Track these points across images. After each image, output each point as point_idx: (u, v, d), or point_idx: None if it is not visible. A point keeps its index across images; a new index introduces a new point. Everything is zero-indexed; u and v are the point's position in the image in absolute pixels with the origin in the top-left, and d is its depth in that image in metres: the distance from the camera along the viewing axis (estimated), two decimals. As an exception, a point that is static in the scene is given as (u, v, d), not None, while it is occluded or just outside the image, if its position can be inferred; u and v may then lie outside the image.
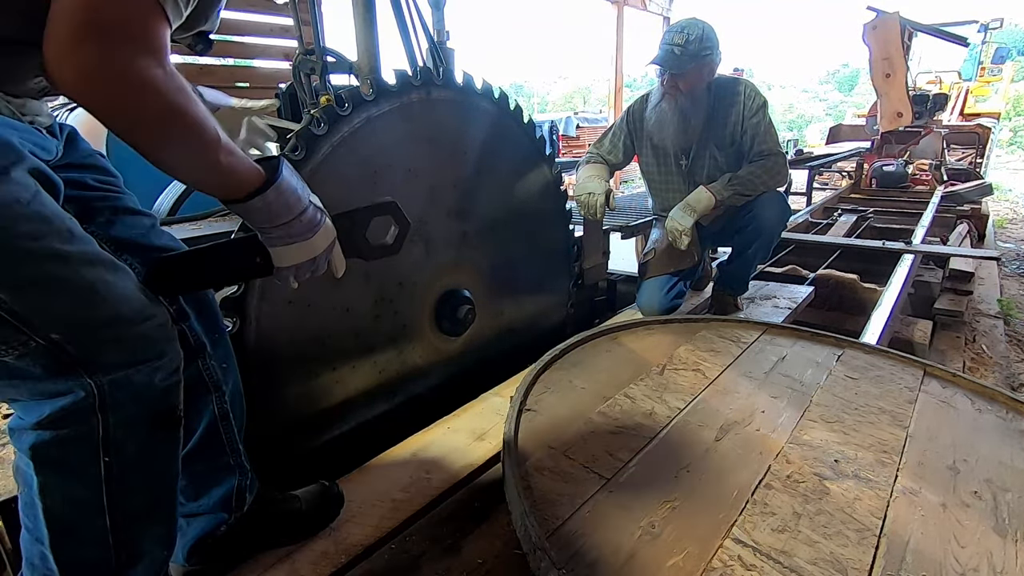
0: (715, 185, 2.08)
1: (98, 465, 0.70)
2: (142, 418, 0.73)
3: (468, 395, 1.66)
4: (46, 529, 0.71)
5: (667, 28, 2.05)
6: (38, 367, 0.64)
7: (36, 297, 0.62)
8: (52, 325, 0.62)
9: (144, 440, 0.74)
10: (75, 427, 0.68)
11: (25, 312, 0.61)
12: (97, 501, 0.71)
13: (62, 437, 0.67)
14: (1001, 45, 10.55)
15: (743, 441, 1.28)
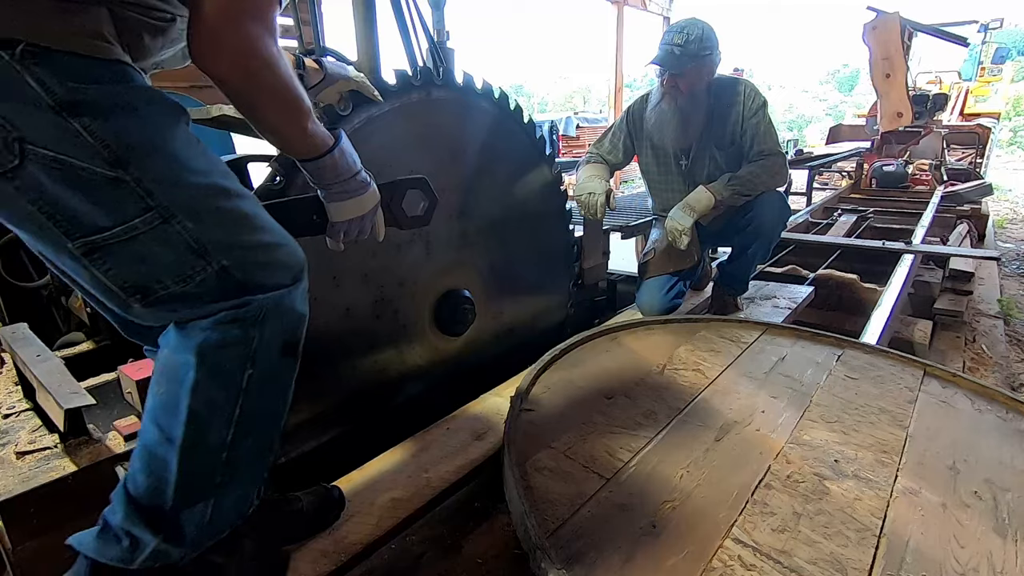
0: (715, 185, 2.08)
1: (243, 376, 0.77)
2: (279, 341, 0.80)
3: (468, 395, 1.66)
4: (183, 429, 0.75)
5: (667, 28, 2.05)
6: (212, 293, 0.71)
7: (211, 227, 0.70)
8: (223, 252, 0.70)
9: (276, 362, 0.81)
10: (241, 334, 0.75)
11: (204, 240, 0.69)
12: (231, 411, 0.77)
13: (228, 340, 0.74)
14: (1001, 45, 10.55)
15: (743, 441, 1.28)
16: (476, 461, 1.34)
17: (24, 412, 1.40)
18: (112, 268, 0.66)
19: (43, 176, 0.61)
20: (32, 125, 0.59)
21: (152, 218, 0.66)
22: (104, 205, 0.64)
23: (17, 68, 0.58)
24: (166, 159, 0.67)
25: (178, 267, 0.69)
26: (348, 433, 1.48)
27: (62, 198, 0.62)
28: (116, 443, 1.23)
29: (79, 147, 0.61)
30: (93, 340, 1.78)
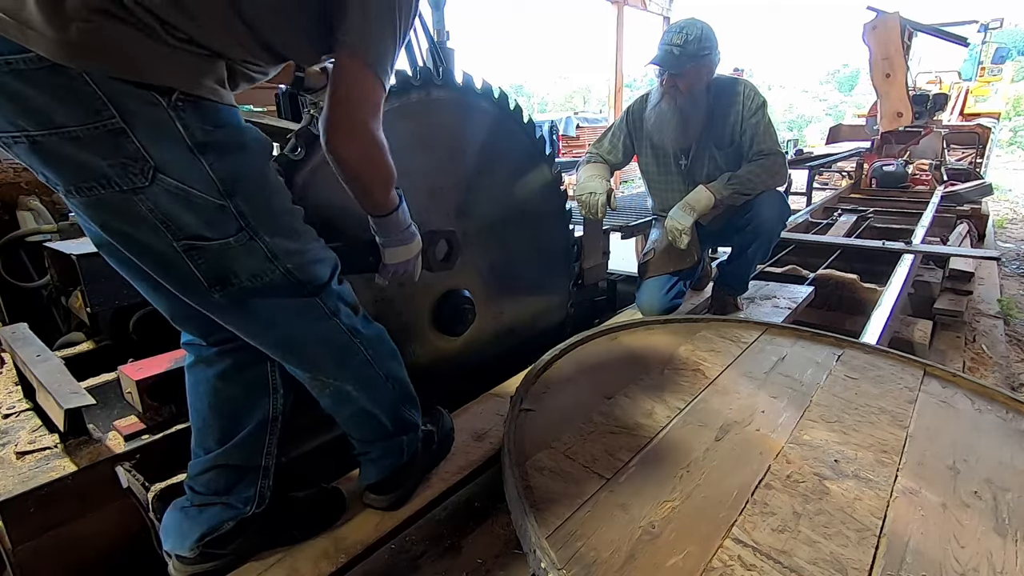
0: (714, 184, 2.08)
1: (355, 345, 1.02)
2: (349, 311, 1.02)
3: (468, 395, 1.66)
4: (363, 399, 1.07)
5: (666, 28, 2.05)
6: (279, 289, 0.90)
7: (281, 240, 0.87)
8: (288, 258, 0.88)
9: (359, 322, 1.04)
10: (322, 332, 0.97)
11: (276, 250, 0.87)
12: (371, 368, 1.06)
13: (332, 342, 0.99)
14: (1001, 45, 10.54)
15: (743, 441, 1.28)
16: (476, 461, 1.34)
17: (24, 412, 1.40)
18: (204, 263, 0.81)
19: (163, 196, 0.74)
20: (168, 159, 0.72)
21: (242, 236, 0.83)
22: (209, 223, 0.79)
23: (170, 113, 0.71)
24: (259, 190, 0.84)
25: (254, 269, 0.86)
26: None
27: (175, 212, 0.76)
28: (116, 443, 1.23)
29: (201, 180, 0.76)
30: (93, 340, 1.78)
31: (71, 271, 1.58)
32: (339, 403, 1.07)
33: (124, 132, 0.69)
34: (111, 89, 0.67)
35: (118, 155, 0.70)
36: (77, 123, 0.67)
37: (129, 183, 0.72)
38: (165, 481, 1.15)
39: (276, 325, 0.93)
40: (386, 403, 1.12)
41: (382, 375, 1.09)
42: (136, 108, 0.69)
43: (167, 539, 1.02)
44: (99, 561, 1.17)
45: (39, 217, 2.27)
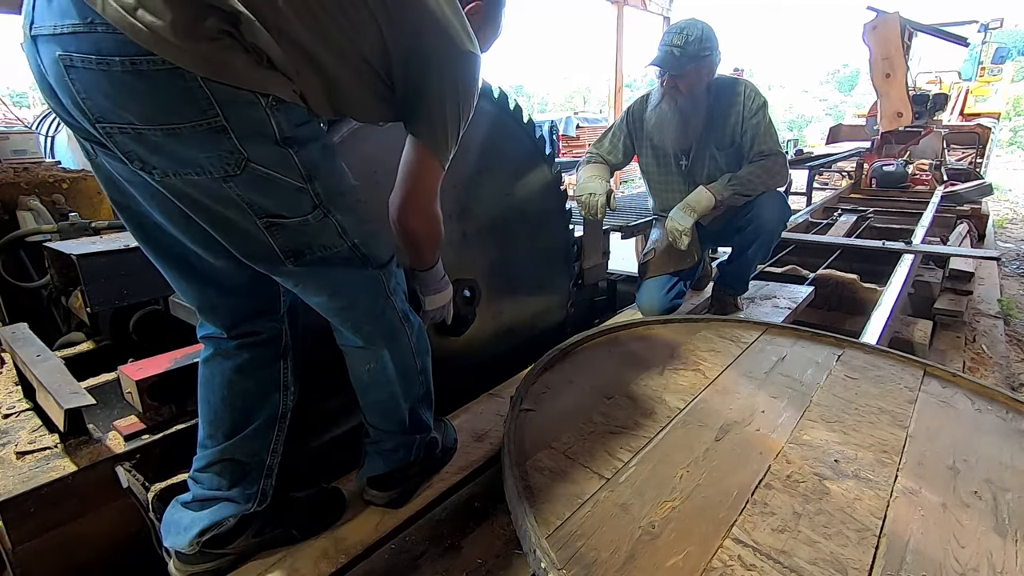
0: (715, 185, 2.08)
1: (404, 329, 1.10)
2: (403, 296, 1.11)
3: (468, 395, 1.66)
4: (397, 382, 1.12)
5: (666, 29, 2.05)
6: (346, 261, 0.98)
7: (349, 218, 0.96)
8: (353, 233, 0.97)
9: (413, 315, 1.14)
10: (381, 309, 1.05)
11: (345, 226, 0.95)
12: (411, 355, 1.13)
13: (386, 321, 1.07)
14: (1001, 45, 10.54)
15: (743, 441, 1.28)
16: (476, 462, 1.35)
17: (24, 412, 1.40)
18: (281, 238, 0.90)
19: (251, 182, 0.83)
20: (259, 151, 0.82)
21: (318, 214, 0.91)
22: (290, 203, 0.88)
23: (267, 112, 0.80)
24: (331, 174, 0.93)
25: (326, 242, 0.95)
26: (349, 433, 1.48)
27: (258, 194, 0.85)
28: (116, 443, 1.23)
29: (288, 168, 0.85)
30: (93, 340, 1.78)
31: (71, 271, 1.58)
32: (374, 382, 1.12)
33: (224, 130, 0.78)
34: (220, 92, 0.76)
35: (216, 149, 0.79)
36: (183, 121, 0.76)
37: (222, 172, 0.81)
38: (165, 481, 1.15)
39: (341, 293, 1.01)
40: (412, 396, 1.17)
41: (417, 367, 1.16)
42: (238, 108, 0.78)
43: (168, 535, 1.02)
44: (99, 561, 1.17)
45: (39, 217, 2.27)
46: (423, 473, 1.26)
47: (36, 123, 4.39)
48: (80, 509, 1.14)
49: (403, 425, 1.17)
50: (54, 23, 0.72)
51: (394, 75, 0.96)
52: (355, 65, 0.91)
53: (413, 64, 0.96)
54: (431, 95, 0.99)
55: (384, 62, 0.94)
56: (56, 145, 4.02)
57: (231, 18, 0.74)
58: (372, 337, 1.06)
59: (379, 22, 0.90)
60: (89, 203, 2.56)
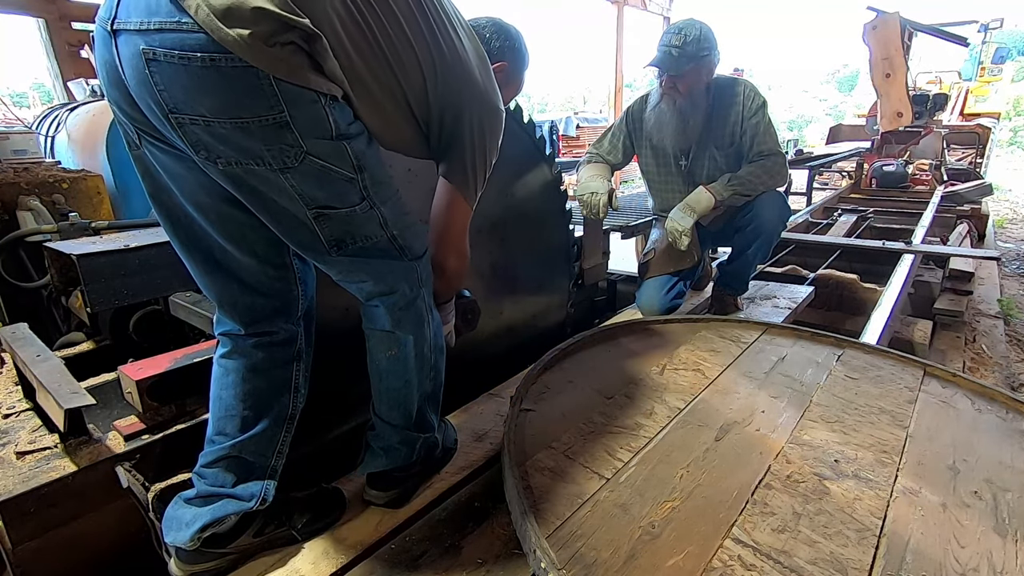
0: (715, 185, 2.08)
1: (429, 321, 1.14)
2: (430, 292, 1.14)
3: (468, 395, 1.66)
4: (414, 372, 1.14)
5: (665, 30, 2.04)
6: (384, 251, 1.03)
7: (391, 210, 1.01)
8: (392, 224, 1.02)
9: (435, 310, 1.17)
10: (414, 297, 1.09)
11: (387, 218, 1.01)
12: (429, 349, 1.16)
13: (413, 301, 1.09)
14: (1001, 45, 10.54)
15: (743, 441, 1.28)
16: (476, 462, 1.35)
17: (24, 412, 1.40)
18: (327, 227, 0.95)
19: (306, 174, 0.89)
20: (317, 145, 0.88)
21: (365, 205, 0.97)
22: (340, 194, 0.94)
23: (325, 110, 0.87)
24: (377, 167, 0.99)
25: (368, 232, 1.00)
26: (349, 433, 1.48)
27: (312, 185, 0.91)
28: (116, 443, 1.23)
29: (341, 159, 0.91)
30: (93, 340, 1.78)
31: (71, 271, 1.58)
32: (392, 369, 1.14)
33: (288, 125, 0.84)
34: (286, 91, 0.82)
35: (279, 142, 0.85)
36: (251, 115, 0.82)
37: (281, 164, 0.87)
38: (165, 481, 1.15)
39: (383, 279, 1.05)
40: (423, 392, 1.19)
41: (432, 362, 1.18)
42: (301, 106, 0.84)
43: (169, 531, 1.03)
44: (99, 561, 1.17)
45: (39, 217, 2.27)
46: (423, 474, 1.27)
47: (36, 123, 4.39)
48: (80, 509, 1.14)
49: (409, 420, 1.18)
50: (141, 19, 0.78)
51: (431, 123, 1.06)
52: (398, 102, 0.99)
53: (448, 115, 1.05)
54: (463, 144, 1.09)
55: (424, 111, 1.03)
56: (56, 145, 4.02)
57: (309, 37, 0.82)
58: (402, 322, 1.10)
59: (425, 77, 1.00)
60: (89, 203, 2.56)
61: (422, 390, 1.18)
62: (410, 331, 1.11)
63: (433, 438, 1.26)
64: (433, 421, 1.25)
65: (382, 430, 1.19)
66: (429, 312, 1.14)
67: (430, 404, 1.22)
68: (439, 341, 1.20)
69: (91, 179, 2.58)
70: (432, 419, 1.24)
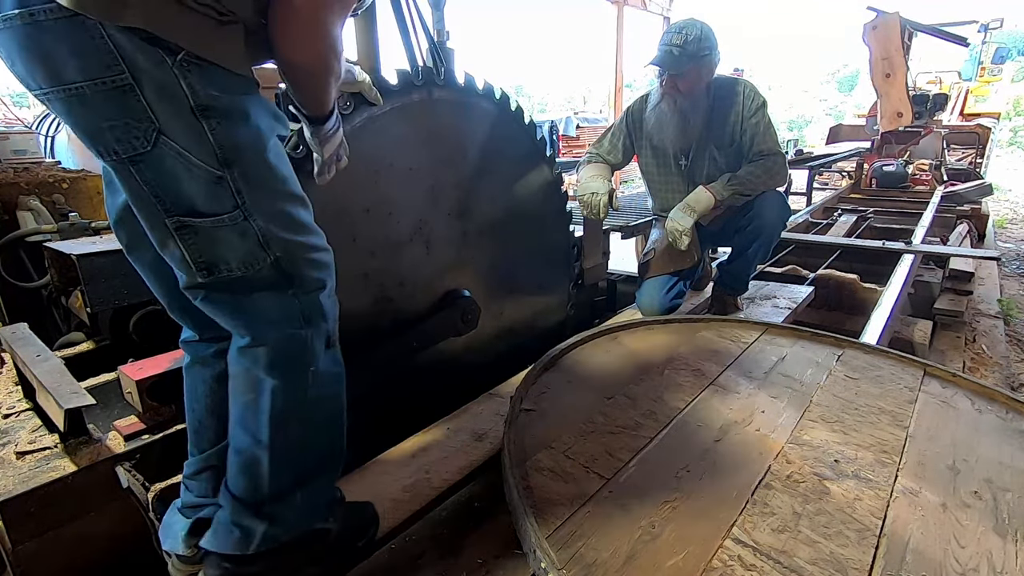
0: (715, 185, 2.08)
1: (308, 373, 0.89)
2: (323, 335, 0.91)
3: (468, 395, 1.66)
4: (268, 430, 0.87)
5: (666, 29, 2.04)
6: (264, 282, 0.83)
7: (277, 227, 0.82)
8: (278, 245, 0.82)
9: (325, 356, 0.92)
10: (296, 340, 0.87)
11: (268, 235, 0.81)
12: (304, 408, 0.90)
13: (290, 345, 0.87)
14: (1001, 45, 10.53)
15: (743, 441, 1.28)
16: (476, 462, 1.34)
17: (24, 412, 1.40)
18: (194, 244, 0.77)
19: (161, 164, 0.72)
20: (171, 122, 0.70)
21: (238, 215, 0.78)
22: (204, 196, 0.75)
23: (175, 72, 0.69)
24: (260, 165, 0.79)
25: (245, 255, 0.80)
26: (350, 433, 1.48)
27: (172, 183, 0.73)
28: (116, 443, 1.23)
29: (201, 144, 0.72)
30: (93, 340, 1.78)
31: (71, 271, 1.58)
32: (241, 421, 0.89)
33: (133, 90, 0.67)
34: (123, 45, 0.66)
35: (123, 116, 0.68)
36: (84, 78, 0.66)
37: (129, 149, 0.70)
38: (165, 481, 1.15)
39: (253, 323, 0.85)
40: (288, 462, 0.91)
41: (310, 425, 0.91)
42: (146, 65, 0.67)
43: (165, 539, 1.02)
44: (99, 561, 1.17)
45: (39, 217, 2.27)
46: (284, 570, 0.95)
47: (36, 123, 4.39)
48: (80, 509, 1.14)
49: (255, 494, 0.89)
50: None
51: None
52: None
53: None
54: None
55: None
56: (56, 145, 4.02)
57: None
58: (274, 365, 0.86)
59: None
60: (89, 203, 2.56)
61: (284, 458, 0.89)
62: (278, 376, 0.86)
63: (307, 527, 0.96)
64: (302, 513, 0.94)
65: (222, 496, 0.93)
66: (315, 358, 0.89)
67: (306, 487, 0.93)
68: (330, 407, 0.93)
69: (91, 179, 2.58)
70: (300, 509, 0.93)
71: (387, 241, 1.47)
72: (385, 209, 1.44)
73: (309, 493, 0.94)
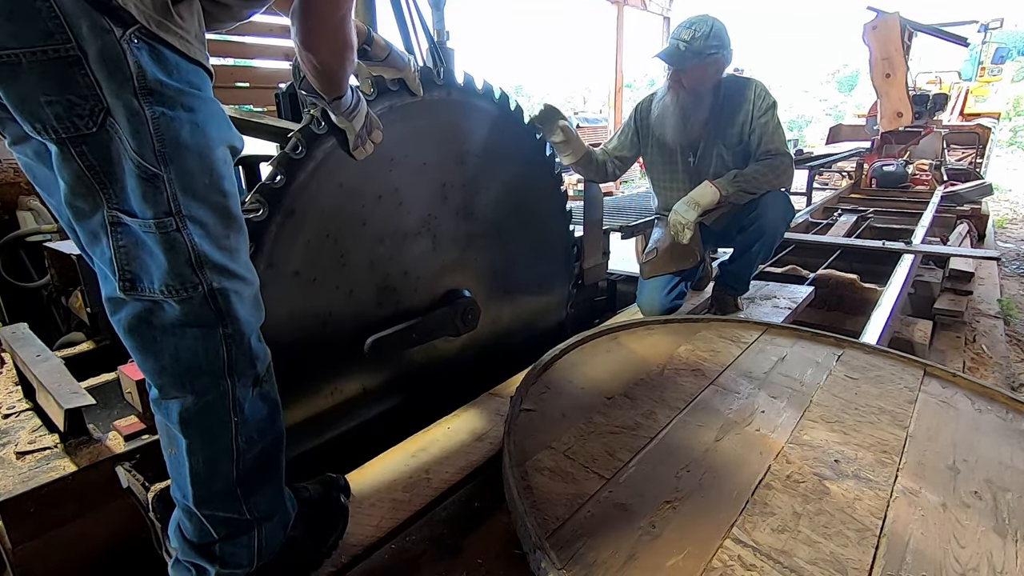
0: (720, 181, 2.07)
1: (230, 425, 0.80)
2: (250, 381, 0.82)
3: (468, 395, 1.66)
4: (191, 488, 0.81)
5: (679, 23, 2.04)
6: (191, 314, 0.73)
7: (212, 246, 0.73)
8: (213, 271, 0.73)
9: (251, 401, 0.83)
10: (215, 394, 0.77)
11: (202, 257, 0.72)
12: (229, 462, 0.81)
13: (205, 402, 0.77)
14: (1001, 45, 10.54)
15: (743, 441, 1.28)
16: (476, 462, 1.34)
17: (24, 412, 1.40)
18: (123, 247, 0.69)
19: (111, 147, 0.65)
20: (115, 102, 0.63)
21: (168, 223, 0.69)
22: (139, 194, 0.67)
23: (123, 46, 0.62)
24: (201, 171, 0.71)
25: (173, 274, 0.71)
26: (348, 432, 1.48)
27: (114, 172, 0.66)
28: (116, 443, 1.23)
29: (139, 134, 0.65)
30: (93, 340, 1.78)
31: (71, 271, 1.58)
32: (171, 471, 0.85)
33: (80, 63, 0.60)
34: (70, 9, 0.59)
35: (65, 91, 0.60)
36: (20, 45, 0.58)
37: (71, 128, 0.62)
38: (165, 481, 1.15)
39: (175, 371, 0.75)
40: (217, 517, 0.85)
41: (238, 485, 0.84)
42: (92, 35, 0.60)
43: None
44: (99, 561, 1.17)
45: (39, 217, 2.27)
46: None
47: (36, 123, 4.40)
48: (80, 509, 1.14)
49: (202, 539, 0.87)
50: None
51: None
52: None
53: None
54: None
55: None
56: (56, 145, 4.03)
57: None
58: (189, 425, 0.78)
59: None
60: (89, 203, 2.56)
61: (219, 508, 0.85)
62: (194, 435, 0.78)
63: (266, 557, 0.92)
64: (267, 536, 0.91)
65: (173, 534, 0.91)
66: (240, 409, 0.80)
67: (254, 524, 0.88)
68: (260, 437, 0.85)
69: (91, 179, 2.58)
70: (263, 535, 0.90)
71: (396, 231, 1.47)
72: (396, 199, 1.45)
73: (262, 535, 0.89)
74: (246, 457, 0.83)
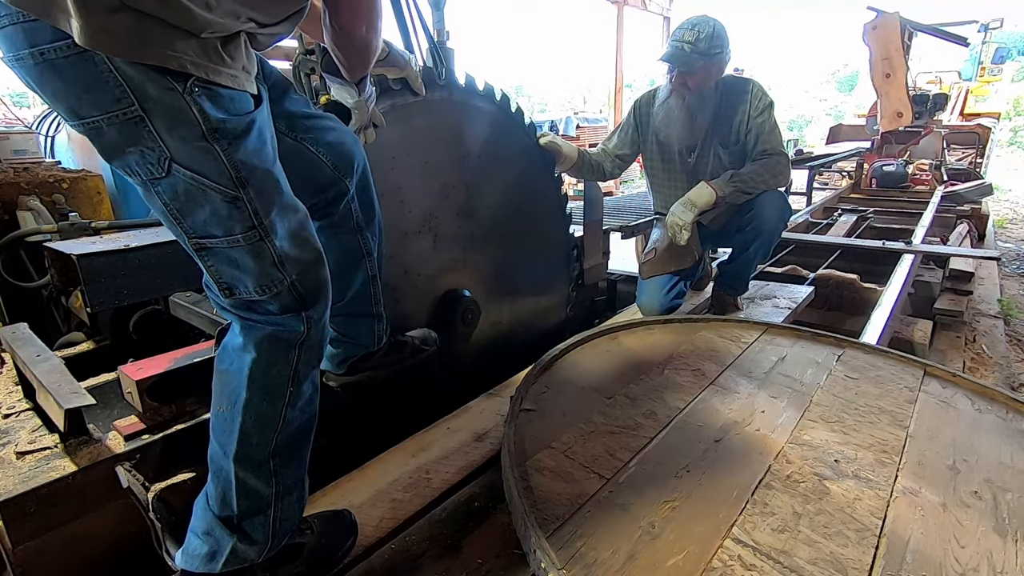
0: (717, 181, 2.07)
1: (286, 394, 0.88)
2: (314, 360, 0.92)
3: (468, 395, 1.66)
4: (236, 442, 0.86)
5: (678, 25, 2.04)
6: (280, 302, 0.84)
7: (292, 246, 0.84)
8: (295, 267, 0.84)
9: (310, 381, 0.93)
10: (285, 356, 0.87)
11: (285, 257, 0.82)
12: (276, 426, 0.88)
13: (274, 363, 0.86)
14: (1001, 45, 10.54)
15: (743, 441, 1.28)
16: (476, 462, 1.34)
17: (24, 412, 1.40)
18: (213, 266, 0.81)
19: (179, 188, 0.74)
20: (182, 148, 0.72)
21: (253, 235, 0.79)
22: (219, 217, 0.77)
23: (186, 99, 0.70)
24: (273, 183, 0.81)
25: (261, 276, 0.82)
26: (349, 432, 1.48)
27: (188, 205, 0.75)
28: (116, 443, 1.23)
29: (214, 166, 0.74)
30: (93, 340, 1.78)
31: (71, 271, 1.57)
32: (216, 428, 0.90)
33: (143, 121, 0.70)
34: (131, 76, 0.67)
35: (136, 145, 0.71)
36: (100, 112, 0.69)
37: (147, 173, 0.73)
38: (165, 481, 1.15)
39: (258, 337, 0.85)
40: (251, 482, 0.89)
41: (274, 452, 0.89)
42: (155, 95, 0.69)
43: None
44: (99, 561, 1.17)
45: (39, 217, 2.27)
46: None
47: (36, 123, 4.39)
48: (80, 509, 1.14)
49: (225, 510, 0.89)
50: None
51: None
52: None
53: None
54: None
55: None
56: (56, 145, 4.02)
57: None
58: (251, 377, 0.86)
59: None
60: (89, 203, 2.56)
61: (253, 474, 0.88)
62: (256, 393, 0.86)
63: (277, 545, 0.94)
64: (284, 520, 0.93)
65: (196, 503, 0.94)
66: (294, 384, 0.88)
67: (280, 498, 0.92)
68: (302, 415, 0.92)
69: (91, 179, 2.58)
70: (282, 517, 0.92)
71: (397, 228, 1.47)
72: (397, 197, 1.45)
73: (278, 515, 0.92)
74: (287, 430, 0.90)
